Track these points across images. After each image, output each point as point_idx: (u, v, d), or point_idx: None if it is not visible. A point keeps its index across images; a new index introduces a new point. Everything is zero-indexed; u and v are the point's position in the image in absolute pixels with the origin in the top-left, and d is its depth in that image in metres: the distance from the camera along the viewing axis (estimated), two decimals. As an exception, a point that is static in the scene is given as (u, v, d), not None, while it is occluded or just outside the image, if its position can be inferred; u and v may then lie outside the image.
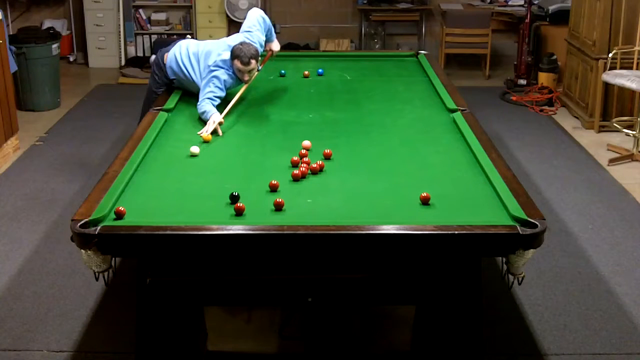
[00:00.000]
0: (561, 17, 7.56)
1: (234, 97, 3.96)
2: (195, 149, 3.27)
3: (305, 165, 3.04)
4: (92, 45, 8.56)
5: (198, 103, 3.82)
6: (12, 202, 4.86)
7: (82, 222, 2.50)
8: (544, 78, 7.35)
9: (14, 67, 6.07)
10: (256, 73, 4.00)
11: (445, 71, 5.27)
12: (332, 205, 2.76)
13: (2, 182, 5.19)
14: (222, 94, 3.90)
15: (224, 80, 3.90)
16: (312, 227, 2.50)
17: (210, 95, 3.84)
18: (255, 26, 4.16)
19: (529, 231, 2.48)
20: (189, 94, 4.17)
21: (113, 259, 2.59)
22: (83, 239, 2.46)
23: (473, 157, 3.20)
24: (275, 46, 4.43)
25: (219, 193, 2.80)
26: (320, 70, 4.69)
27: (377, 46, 8.79)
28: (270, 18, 4.38)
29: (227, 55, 3.90)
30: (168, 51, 4.22)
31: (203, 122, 3.69)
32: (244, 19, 4.27)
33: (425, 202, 2.73)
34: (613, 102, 6.34)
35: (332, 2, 8.82)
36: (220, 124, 3.65)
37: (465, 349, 2.75)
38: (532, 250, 2.50)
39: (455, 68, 8.47)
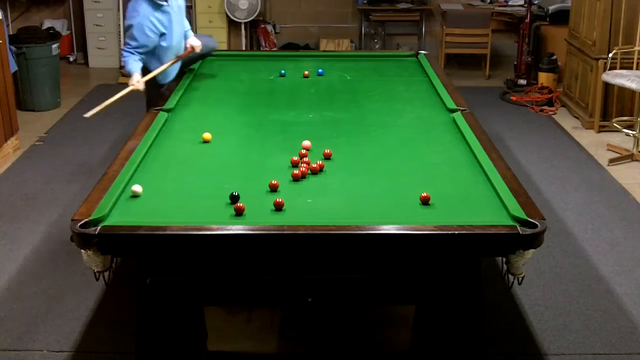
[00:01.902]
0: (561, 17, 7.56)
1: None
2: (137, 188, 2.84)
3: (305, 165, 3.04)
4: (92, 45, 8.56)
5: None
6: (12, 202, 4.86)
7: (82, 222, 2.50)
8: (544, 78, 7.35)
9: (14, 67, 6.07)
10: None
11: (445, 71, 5.27)
12: (332, 205, 2.76)
13: (2, 182, 5.19)
14: (142, 41, 3.99)
15: (139, 23, 3.97)
16: (312, 227, 2.50)
17: (127, 47, 4.00)
18: None
19: (529, 231, 2.48)
20: (189, 93, 4.18)
21: (113, 259, 2.59)
22: (83, 239, 2.46)
23: (473, 157, 3.20)
24: (195, 41, 4.43)
25: (219, 193, 2.80)
26: (320, 70, 4.69)
27: (377, 46, 8.79)
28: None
29: None
30: None
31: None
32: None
33: (425, 202, 2.73)
34: (613, 102, 6.34)
35: (332, 2, 8.82)
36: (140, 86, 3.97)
37: (465, 349, 2.75)
38: (532, 250, 2.50)
39: (455, 68, 8.47)
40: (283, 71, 4.66)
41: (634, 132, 5.69)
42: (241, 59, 5.27)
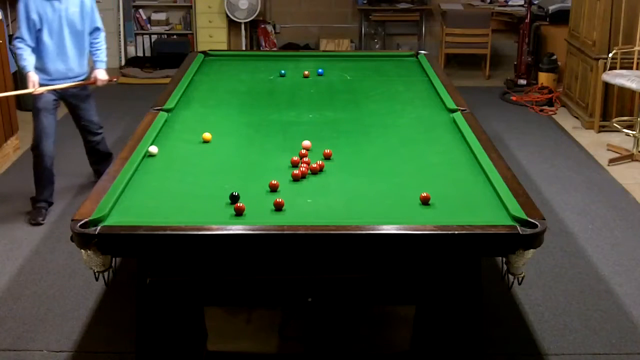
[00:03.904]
0: (561, 17, 7.57)
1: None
2: (153, 149, 3.25)
3: (305, 165, 3.04)
4: (92, 45, 8.55)
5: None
6: (12, 202, 4.86)
7: (82, 222, 2.50)
8: (544, 78, 7.35)
9: (13, 67, 6.07)
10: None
11: (445, 71, 5.27)
12: (332, 205, 2.76)
13: (2, 182, 5.19)
14: (22, 19, 4.29)
15: (25, 1, 4.27)
16: (312, 227, 2.50)
17: (17, 34, 4.34)
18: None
19: (529, 231, 2.48)
20: (189, 93, 4.18)
21: (113, 259, 2.59)
22: (83, 239, 2.46)
23: (473, 157, 3.20)
24: (102, 75, 4.64)
25: (219, 193, 2.80)
26: (320, 70, 4.68)
27: (377, 46, 8.79)
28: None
29: None
30: None
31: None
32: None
33: (425, 202, 2.73)
34: (613, 102, 6.34)
35: (332, 2, 8.82)
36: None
37: (465, 348, 2.75)
38: (532, 250, 2.50)
39: (455, 68, 8.47)
40: (283, 71, 4.66)
41: (634, 132, 5.69)
42: (241, 59, 5.27)
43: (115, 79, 4.83)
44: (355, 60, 5.18)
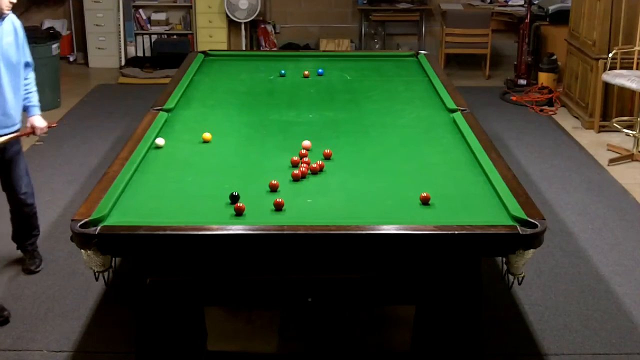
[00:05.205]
0: (561, 17, 7.56)
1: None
2: (160, 141, 3.33)
3: (305, 165, 3.04)
4: (92, 45, 8.56)
5: None
6: (12, 202, 4.85)
7: (82, 222, 2.50)
8: (544, 78, 7.35)
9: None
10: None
11: (445, 71, 5.27)
12: (332, 205, 2.76)
13: (2, 182, 5.18)
14: None
15: None
16: (312, 227, 2.50)
17: None
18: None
19: (529, 231, 2.48)
20: (189, 93, 4.18)
21: (113, 259, 2.60)
22: (83, 239, 2.46)
23: (473, 157, 3.20)
24: (40, 122, 3.74)
25: (219, 193, 2.80)
26: (320, 70, 4.68)
27: (377, 46, 8.79)
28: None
29: None
30: None
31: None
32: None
33: (425, 202, 2.73)
34: (613, 102, 6.34)
35: (332, 2, 8.82)
36: None
37: (465, 349, 2.75)
38: (532, 250, 2.50)
39: (455, 68, 8.47)
40: (283, 71, 4.66)
41: (634, 132, 5.69)
42: (241, 59, 5.27)
43: (54, 124, 3.95)
44: (355, 60, 5.18)
